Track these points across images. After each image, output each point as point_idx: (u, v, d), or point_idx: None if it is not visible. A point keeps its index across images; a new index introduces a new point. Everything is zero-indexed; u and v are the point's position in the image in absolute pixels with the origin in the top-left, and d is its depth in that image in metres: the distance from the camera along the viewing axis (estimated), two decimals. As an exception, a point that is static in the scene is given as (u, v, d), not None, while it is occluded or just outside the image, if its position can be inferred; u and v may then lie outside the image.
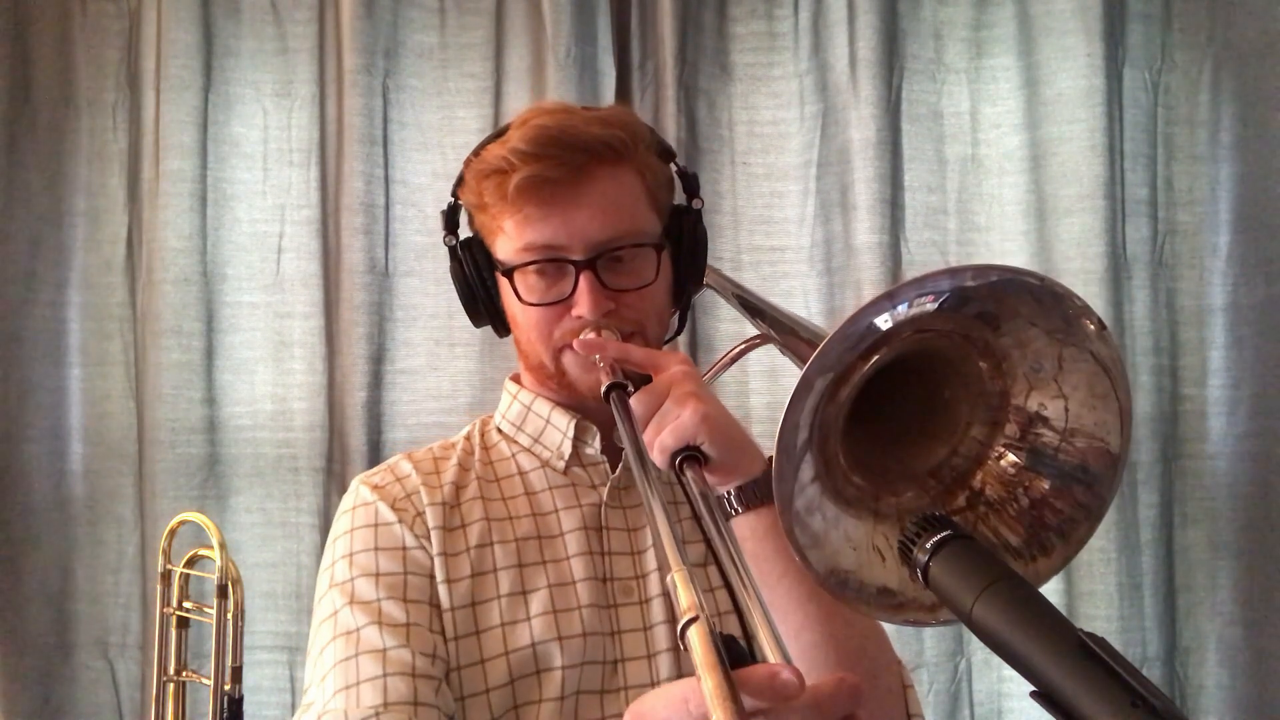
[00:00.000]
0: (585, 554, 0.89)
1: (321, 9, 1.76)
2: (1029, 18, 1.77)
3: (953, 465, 0.66)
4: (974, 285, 0.57)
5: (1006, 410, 0.64)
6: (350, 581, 0.85)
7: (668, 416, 0.75)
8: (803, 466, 0.60)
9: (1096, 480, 0.62)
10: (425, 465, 0.95)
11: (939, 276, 0.57)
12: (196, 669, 1.45)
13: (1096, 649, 0.46)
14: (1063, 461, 0.63)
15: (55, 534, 1.74)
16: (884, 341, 0.59)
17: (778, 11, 1.79)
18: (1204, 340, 1.78)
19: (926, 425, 0.68)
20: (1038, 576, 0.63)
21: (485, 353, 1.73)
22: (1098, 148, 1.71)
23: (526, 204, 0.88)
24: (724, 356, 1.01)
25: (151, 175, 1.72)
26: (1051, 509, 0.63)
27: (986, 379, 0.64)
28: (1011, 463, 0.65)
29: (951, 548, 0.57)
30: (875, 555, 0.62)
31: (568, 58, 1.71)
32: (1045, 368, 0.61)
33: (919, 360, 0.63)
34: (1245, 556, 1.74)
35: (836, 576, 0.61)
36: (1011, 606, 0.51)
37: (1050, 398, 0.62)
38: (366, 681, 0.79)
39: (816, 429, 0.60)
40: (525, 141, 0.87)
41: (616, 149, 0.89)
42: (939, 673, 1.72)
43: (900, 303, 0.56)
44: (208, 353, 1.73)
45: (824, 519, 0.62)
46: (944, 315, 0.59)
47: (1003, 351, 0.62)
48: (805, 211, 1.78)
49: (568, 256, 0.88)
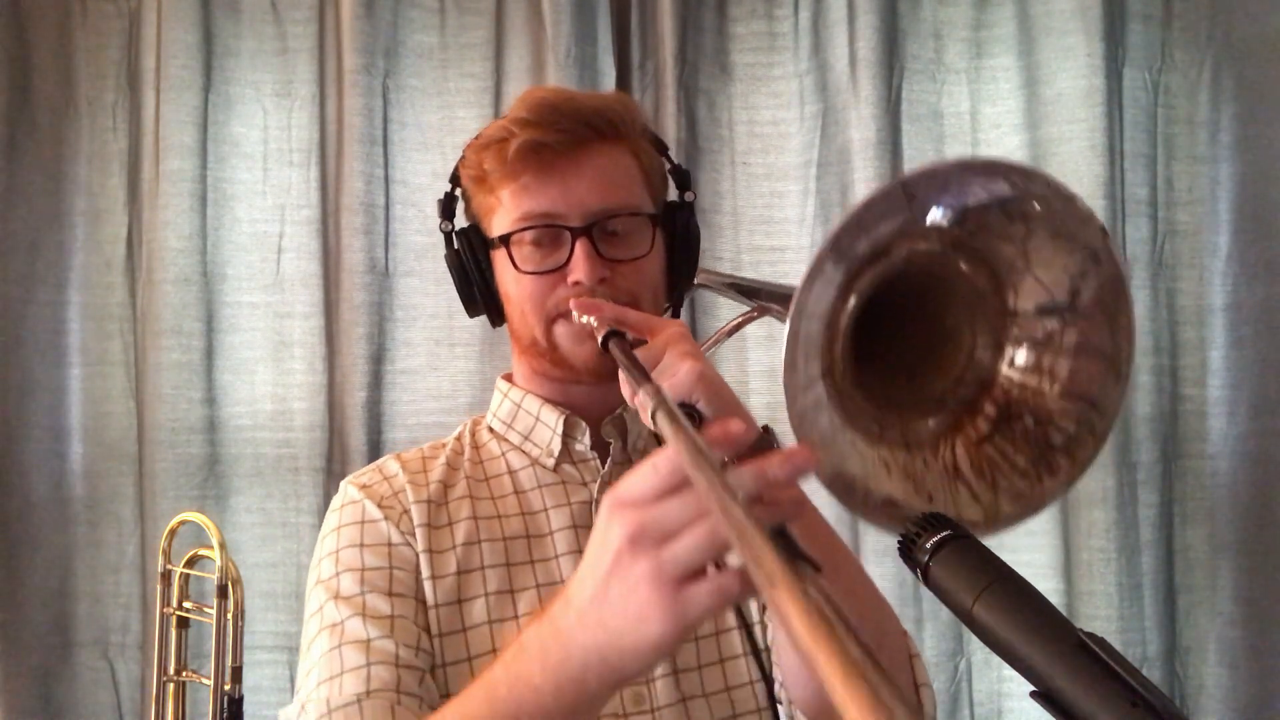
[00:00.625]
0: (574, 553, 0.89)
1: (321, 9, 1.76)
2: (1029, 18, 1.77)
3: (960, 391, 0.66)
4: (983, 198, 0.57)
5: (1006, 321, 0.64)
6: (335, 577, 0.86)
7: (664, 374, 0.74)
8: (811, 359, 0.59)
9: (1099, 395, 0.61)
10: (413, 465, 0.95)
11: (948, 169, 0.57)
12: (196, 669, 1.45)
13: (1096, 649, 0.46)
14: (1067, 379, 0.62)
15: (55, 534, 1.74)
16: (892, 240, 0.58)
17: (778, 11, 1.79)
18: (1204, 340, 1.78)
19: (933, 356, 0.68)
20: (1044, 496, 0.64)
21: (485, 353, 1.73)
22: (1098, 148, 1.71)
23: (525, 171, 0.89)
24: (721, 330, 1.02)
25: (151, 175, 1.72)
26: (1057, 428, 0.63)
27: (984, 294, 0.64)
28: (1017, 379, 0.64)
29: (951, 548, 0.57)
30: (881, 468, 0.62)
31: (568, 58, 1.71)
32: (1047, 277, 0.61)
33: (919, 289, 0.62)
34: (1245, 556, 1.74)
35: (843, 480, 0.61)
36: (1011, 606, 0.51)
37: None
38: (350, 671, 0.80)
39: (826, 323, 0.60)
40: (526, 110, 0.89)
41: (615, 124, 0.91)
42: (939, 673, 1.72)
43: (912, 187, 0.56)
44: (208, 353, 1.73)
45: (830, 422, 0.62)
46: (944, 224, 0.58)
47: (994, 253, 0.61)
48: (805, 211, 1.78)
49: (564, 224, 0.89)
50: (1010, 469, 0.64)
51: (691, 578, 0.50)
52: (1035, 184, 0.57)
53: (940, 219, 0.58)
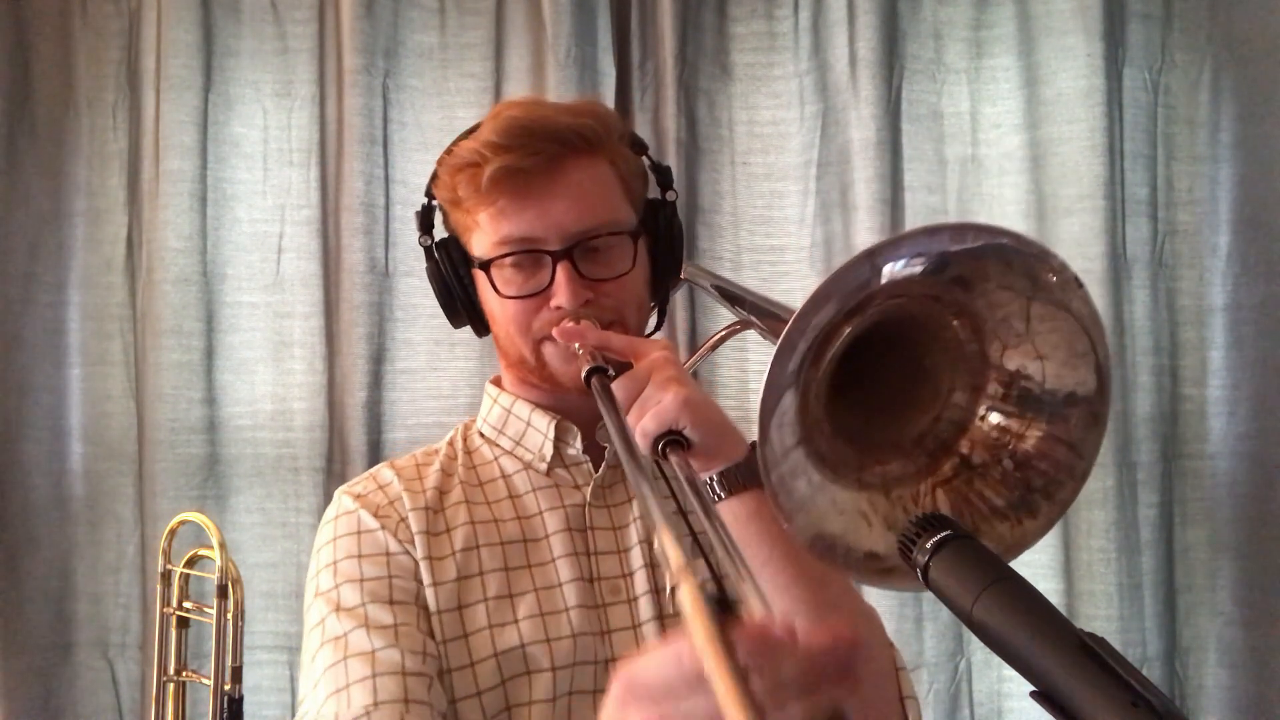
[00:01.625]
0: (570, 555, 0.89)
1: (321, 9, 1.76)
2: (1029, 18, 1.77)
3: (937, 432, 0.66)
4: (954, 250, 0.57)
5: (987, 373, 0.64)
6: (335, 590, 0.86)
7: (649, 401, 0.74)
8: (786, 429, 0.60)
9: (1079, 440, 0.62)
10: (408, 472, 0.95)
11: (916, 236, 0.57)
12: (196, 669, 1.45)
13: (1096, 649, 0.46)
14: (1044, 420, 0.63)
15: (55, 534, 1.74)
16: (864, 303, 0.59)
17: (778, 11, 1.79)
18: (1204, 340, 1.78)
19: (910, 394, 0.68)
20: (1025, 538, 0.64)
21: (485, 353, 1.73)
22: (1098, 148, 1.71)
23: (500, 196, 0.87)
24: (704, 345, 1.01)
25: (151, 175, 1.72)
26: (1036, 470, 0.63)
27: (965, 343, 0.64)
28: (995, 425, 0.65)
29: (951, 548, 0.57)
30: (861, 520, 0.62)
31: (568, 58, 1.71)
32: (1020, 328, 0.61)
33: (898, 329, 0.63)
34: (1245, 556, 1.74)
35: (823, 541, 0.61)
36: (1011, 606, 0.51)
37: (1029, 359, 0.62)
38: (356, 683, 0.79)
39: (799, 393, 0.60)
40: (496, 133, 0.86)
41: (589, 138, 0.89)
42: (939, 673, 1.72)
43: (881, 260, 0.56)
44: (208, 353, 1.73)
45: (809, 483, 0.62)
46: (920, 280, 0.59)
47: (978, 312, 0.62)
48: (805, 211, 1.78)
49: (544, 248, 0.88)
50: (990, 512, 0.64)
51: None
52: (1002, 239, 0.57)
53: (913, 273, 0.58)
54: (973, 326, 0.63)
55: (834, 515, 0.62)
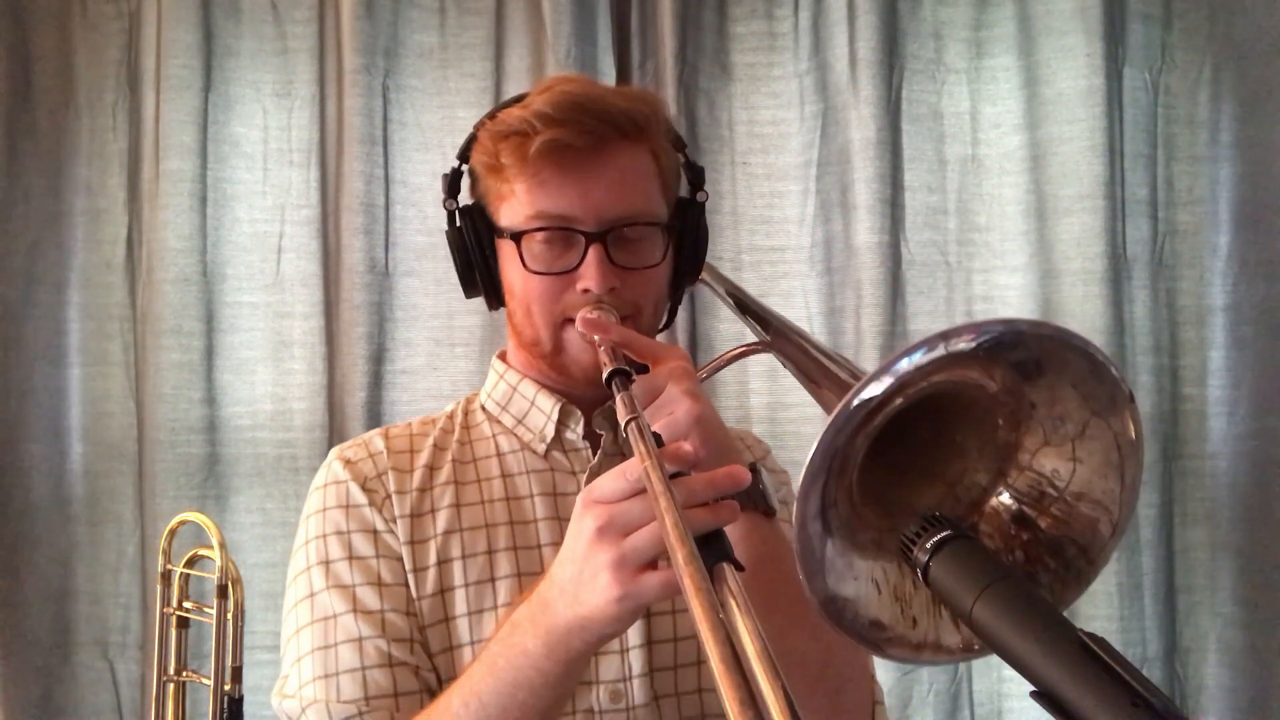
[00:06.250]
0: (556, 544, 0.88)
1: (321, 9, 1.76)
2: (1029, 18, 1.77)
3: (950, 507, 0.66)
4: (1026, 332, 0.56)
5: (1012, 463, 0.64)
6: (326, 564, 0.86)
7: (661, 411, 0.75)
8: (812, 498, 0.59)
9: (1090, 544, 0.61)
10: (399, 443, 0.95)
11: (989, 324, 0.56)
12: (196, 669, 1.45)
13: (1096, 649, 0.46)
14: (1061, 521, 0.62)
15: (55, 534, 1.74)
16: (914, 382, 0.57)
17: (778, 11, 1.79)
18: (1204, 340, 1.78)
19: (932, 463, 0.67)
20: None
21: (485, 353, 1.73)
22: (1098, 148, 1.71)
23: (544, 169, 0.86)
24: (720, 358, 1.01)
25: (151, 175, 1.72)
26: (1043, 566, 0.62)
27: (1001, 430, 0.63)
28: (1009, 511, 0.64)
29: (951, 548, 0.57)
30: (873, 587, 0.62)
31: (568, 58, 1.71)
32: (1067, 430, 0.60)
33: (938, 399, 0.62)
34: (1245, 556, 1.74)
35: (835, 604, 0.60)
36: (1011, 606, 0.51)
37: (1064, 460, 0.61)
38: (345, 673, 0.81)
39: (840, 460, 0.60)
40: (550, 105, 0.86)
41: (639, 124, 0.89)
42: (939, 673, 1.72)
43: (925, 350, 0.55)
44: (208, 353, 1.73)
45: (831, 548, 0.61)
46: (980, 361, 0.58)
47: (1027, 408, 0.61)
48: (805, 211, 1.78)
49: (579, 228, 0.87)
50: None
51: (646, 567, 0.62)
52: (1069, 339, 0.56)
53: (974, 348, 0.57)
54: (1015, 419, 0.62)
55: (849, 580, 0.61)
